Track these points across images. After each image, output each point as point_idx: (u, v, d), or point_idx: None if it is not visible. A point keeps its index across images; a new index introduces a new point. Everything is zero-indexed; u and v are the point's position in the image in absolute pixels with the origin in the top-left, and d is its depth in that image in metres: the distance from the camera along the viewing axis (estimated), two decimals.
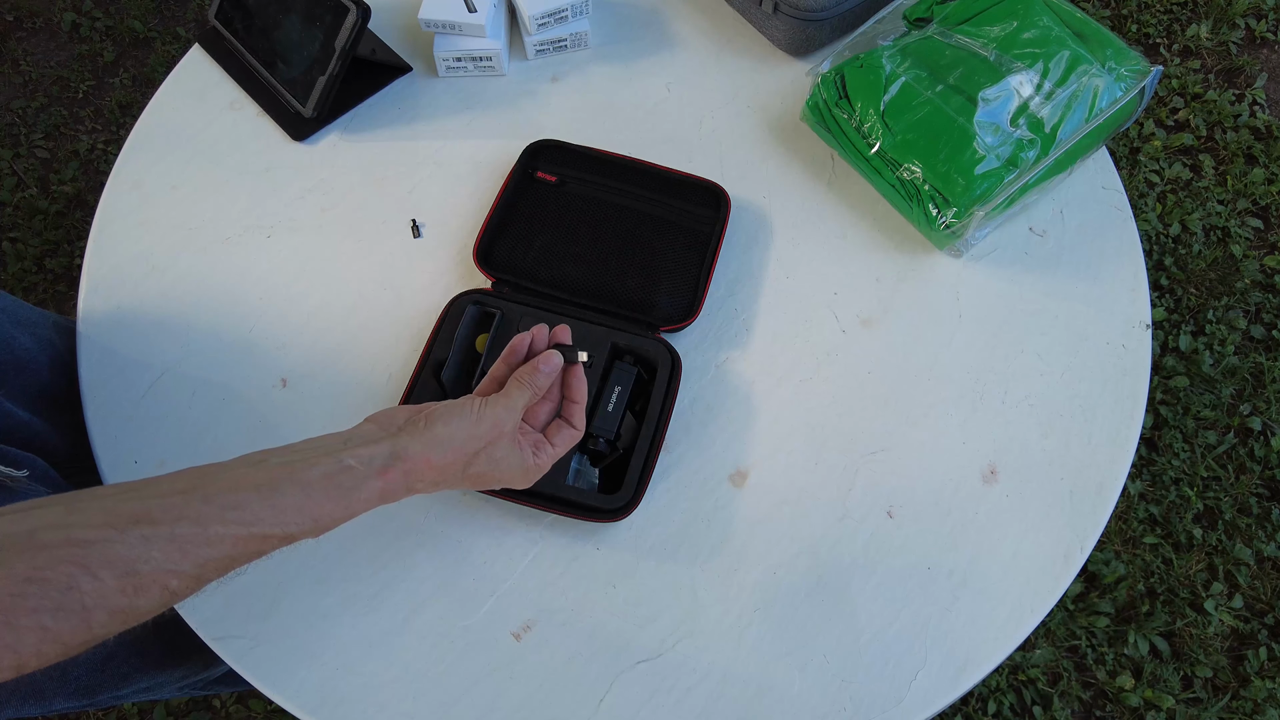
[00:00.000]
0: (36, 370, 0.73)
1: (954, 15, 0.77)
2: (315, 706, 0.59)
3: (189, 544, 0.41)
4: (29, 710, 0.66)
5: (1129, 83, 0.72)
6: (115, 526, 0.39)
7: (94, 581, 0.38)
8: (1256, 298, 1.56)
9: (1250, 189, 1.66)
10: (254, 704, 1.22)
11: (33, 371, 0.73)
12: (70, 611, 0.37)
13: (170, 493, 0.42)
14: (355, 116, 0.83)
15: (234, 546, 0.42)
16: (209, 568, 0.42)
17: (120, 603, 0.39)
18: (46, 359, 0.74)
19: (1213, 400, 1.46)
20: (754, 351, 0.72)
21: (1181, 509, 1.38)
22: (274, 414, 0.69)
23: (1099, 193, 0.80)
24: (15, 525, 0.39)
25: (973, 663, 0.61)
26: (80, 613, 0.38)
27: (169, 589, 0.40)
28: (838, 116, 0.76)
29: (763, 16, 0.85)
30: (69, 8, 1.86)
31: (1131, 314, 0.74)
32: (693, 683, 0.60)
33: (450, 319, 0.69)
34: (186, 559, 0.41)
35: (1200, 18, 1.86)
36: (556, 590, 0.63)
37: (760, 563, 0.64)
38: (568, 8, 0.83)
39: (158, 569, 0.40)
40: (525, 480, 0.55)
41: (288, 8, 0.81)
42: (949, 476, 0.67)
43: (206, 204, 0.79)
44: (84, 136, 1.72)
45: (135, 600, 0.39)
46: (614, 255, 0.74)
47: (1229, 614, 1.31)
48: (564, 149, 0.79)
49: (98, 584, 0.38)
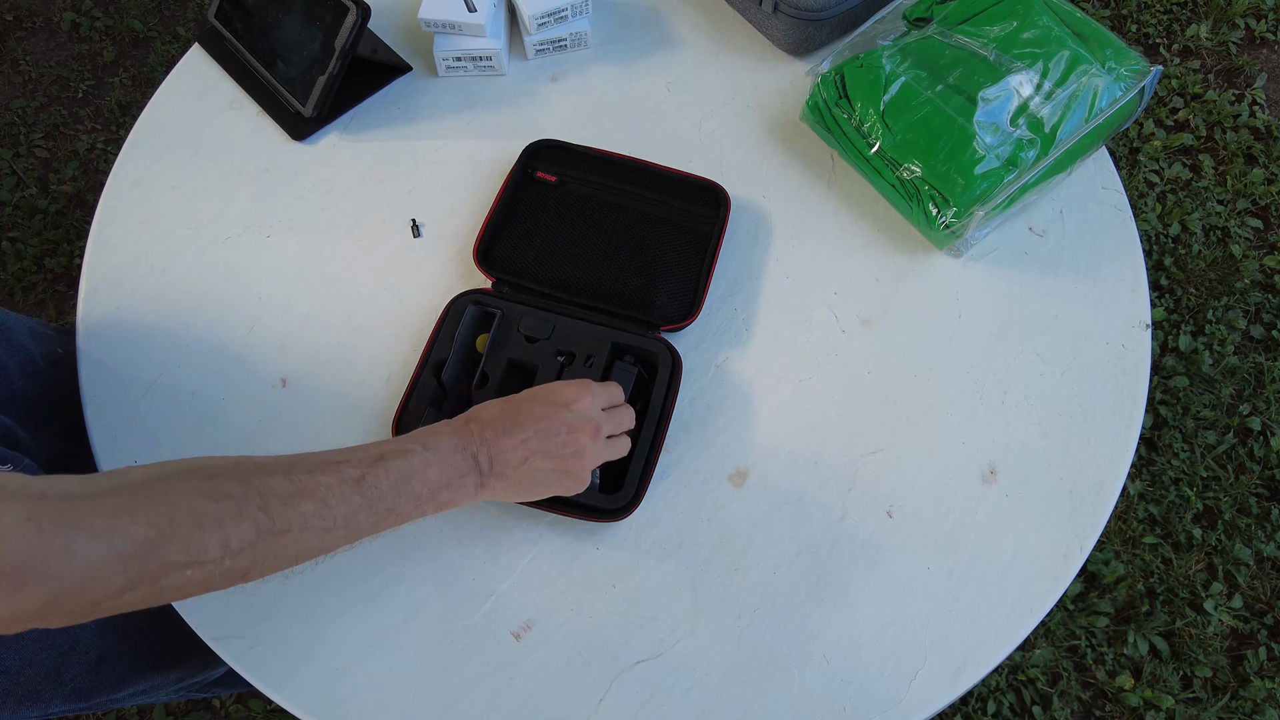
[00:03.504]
0: (6, 376, 0.72)
1: (954, 15, 0.77)
2: (315, 706, 0.59)
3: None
4: (25, 714, 0.66)
5: (1129, 83, 0.72)
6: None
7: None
8: (1256, 298, 1.56)
9: (1250, 189, 1.66)
10: (254, 704, 1.22)
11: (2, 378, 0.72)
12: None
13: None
14: (355, 116, 0.83)
15: None
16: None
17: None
18: (16, 365, 0.73)
19: (1212, 400, 1.46)
20: (754, 351, 0.72)
21: (1181, 509, 1.38)
22: (274, 414, 0.69)
23: (1099, 193, 0.80)
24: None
25: (972, 663, 0.61)
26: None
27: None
28: (837, 116, 0.76)
29: (763, 16, 0.85)
30: (69, 7, 1.86)
31: (1131, 314, 0.74)
32: (693, 683, 0.60)
33: (450, 319, 0.69)
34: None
35: (1200, 18, 1.86)
36: (556, 590, 0.63)
37: (760, 563, 0.64)
38: (567, 8, 0.83)
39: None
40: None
41: (288, 7, 0.81)
42: (948, 476, 0.67)
43: (206, 204, 0.79)
44: (84, 136, 1.72)
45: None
46: (614, 255, 0.74)
47: (1228, 614, 1.31)
48: (564, 149, 0.79)
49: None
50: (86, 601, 0.41)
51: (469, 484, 0.54)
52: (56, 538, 0.39)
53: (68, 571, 0.39)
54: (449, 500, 0.54)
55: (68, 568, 0.39)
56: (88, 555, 0.40)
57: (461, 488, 0.54)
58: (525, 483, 0.57)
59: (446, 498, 0.54)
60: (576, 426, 0.57)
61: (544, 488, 0.58)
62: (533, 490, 0.58)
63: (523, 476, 0.56)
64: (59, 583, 0.39)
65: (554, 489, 0.58)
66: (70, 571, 0.39)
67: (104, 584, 0.41)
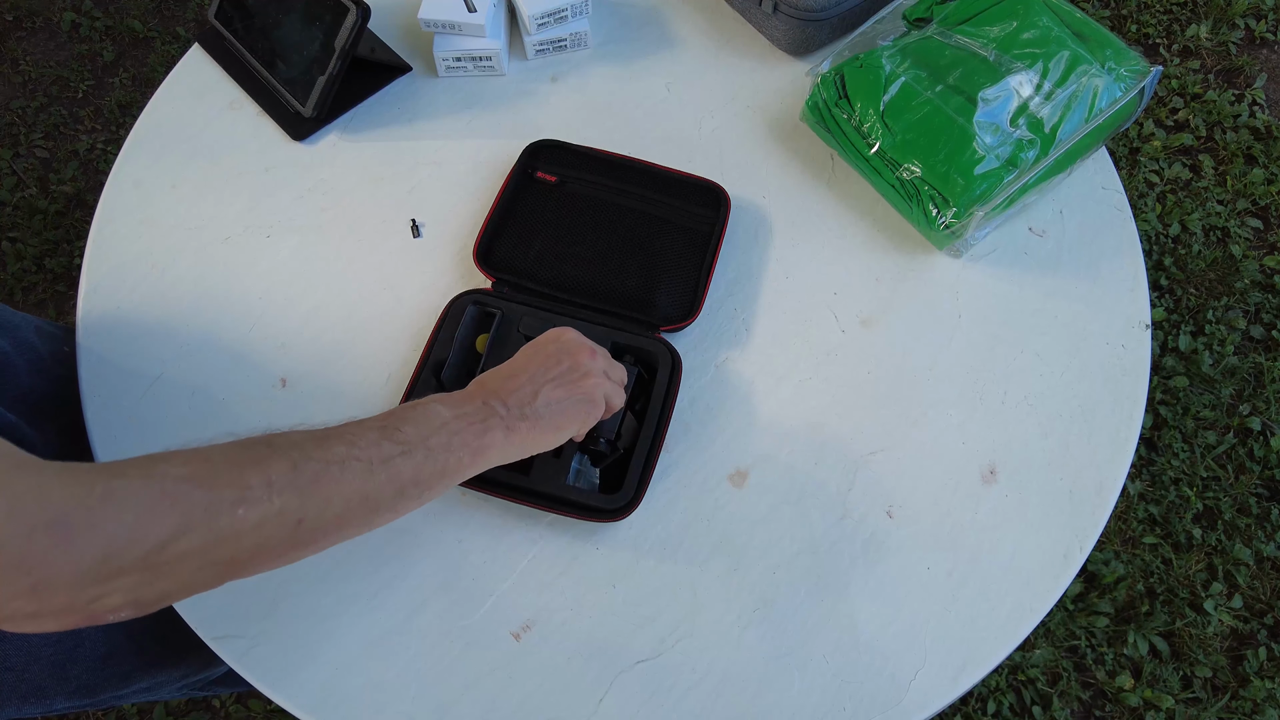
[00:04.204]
0: (14, 374, 0.72)
1: (954, 15, 0.77)
2: (315, 706, 0.59)
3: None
4: (30, 710, 0.66)
5: (1129, 83, 0.72)
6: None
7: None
8: (1256, 298, 1.56)
9: (1250, 189, 1.66)
10: (254, 704, 1.22)
11: (10, 375, 0.72)
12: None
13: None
14: (355, 116, 0.83)
15: None
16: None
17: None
18: (24, 362, 0.73)
19: (1212, 400, 1.46)
20: (754, 351, 0.72)
21: (1181, 509, 1.38)
22: (274, 414, 0.69)
23: (1099, 193, 0.80)
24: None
25: (972, 663, 0.61)
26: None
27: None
28: (837, 116, 0.76)
29: (762, 16, 0.85)
30: (69, 7, 1.86)
31: (1131, 314, 0.74)
32: (692, 683, 0.60)
33: (450, 319, 0.69)
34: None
35: (1200, 18, 1.86)
36: (556, 590, 0.63)
37: (760, 563, 0.64)
38: (567, 8, 0.83)
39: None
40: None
41: (287, 7, 0.81)
42: (948, 476, 0.67)
43: (206, 203, 0.79)
44: (83, 136, 1.72)
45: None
46: (614, 255, 0.74)
47: (1228, 614, 1.31)
48: (564, 149, 0.79)
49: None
50: (144, 549, 0.39)
51: (496, 429, 0.53)
52: (96, 485, 0.38)
53: (114, 515, 0.38)
54: (484, 445, 0.52)
55: (114, 511, 0.38)
56: (131, 496, 0.39)
57: (489, 431, 0.52)
58: (548, 416, 0.55)
59: (481, 443, 0.52)
60: (570, 350, 0.58)
61: (568, 419, 0.56)
62: (558, 423, 0.56)
63: (543, 411, 0.55)
64: (109, 528, 0.38)
65: (578, 417, 0.57)
66: (118, 515, 0.38)
67: (157, 525, 0.39)
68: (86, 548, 0.37)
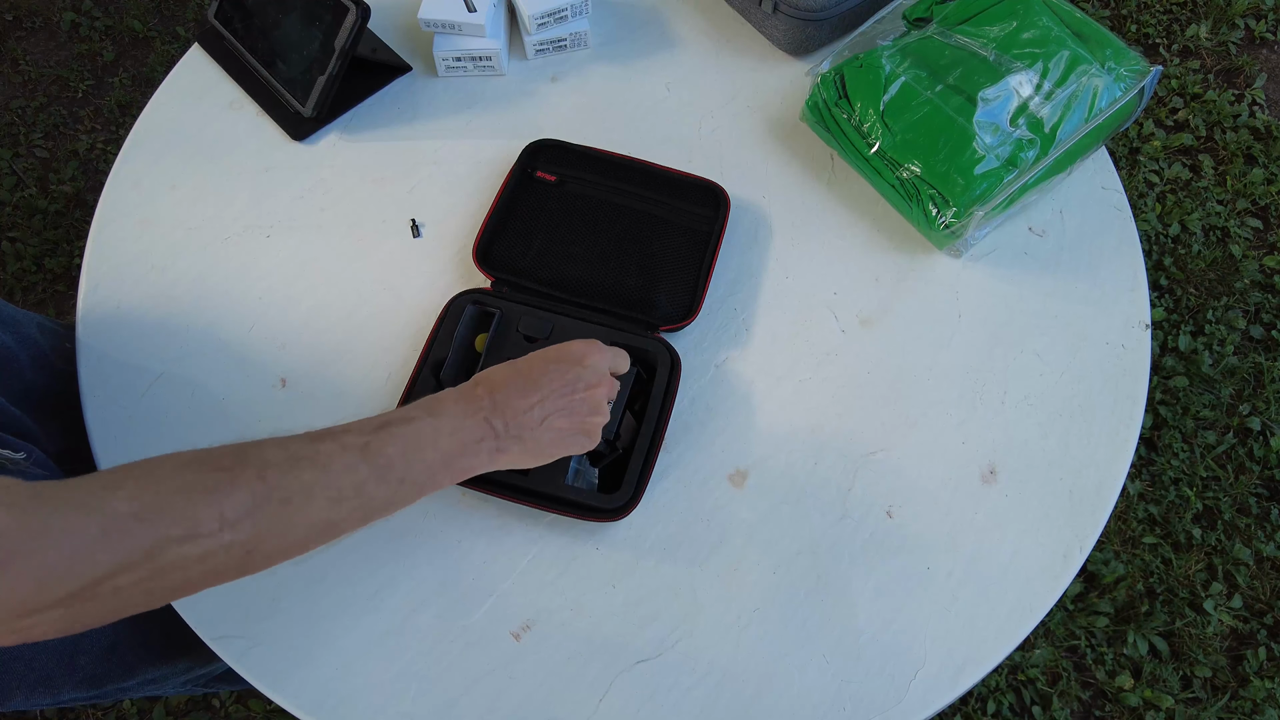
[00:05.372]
0: (18, 368, 0.73)
1: (954, 15, 0.77)
2: (315, 706, 0.59)
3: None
4: (37, 701, 0.66)
5: (1128, 83, 0.72)
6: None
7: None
8: (1256, 298, 1.56)
9: (1250, 189, 1.66)
10: (254, 704, 1.22)
11: (14, 369, 0.73)
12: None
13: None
14: (355, 116, 0.83)
15: None
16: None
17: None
18: (27, 357, 0.74)
19: (1212, 400, 1.46)
20: (753, 351, 0.72)
21: (1181, 509, 1.38)
22: (274, 414, 0.69)
23: (1098, 193, 0.80)
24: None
25: (972, 662, 0.61)
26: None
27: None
28: (837, 116, 0.76)
29: (762, 16, 0.85)
30: (69, 7, 1.86)
31: (1131, 314, 0.74)
32: (692, 683, 0.60)
33: (449, 319, 0.69)
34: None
35: (1200, 18, 1.86)
36: (556, 590, 0.63)
37: (760, 563, 0.64)
38: (567, 8, 0.83)
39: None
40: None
41: (287, 7, 0.81)
42: (948, 476, 0.67)
43: (206, 204, 0.79)
44: (83, 136, 1.72)
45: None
46: (614, 255, 0.74)
47: (1228, 614, 1.31)
48: (563, 149, 0.79)
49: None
50: (80, 583, 0.38)
51: (485, 449, 0.52)
52: (34, 514, 0.38)
53: (49, 546, 0.37)
54: (466, 467, 0.52)
55: (48, 543, 0.37)
56: (67, 528, 0.38)
57: (477, 453, 0.52)
58: (542, 444, 0.55)
59: (463, 465, 0.51)
60: (593, 383, 0.55)
61: (560, 448, 0.56)
62: (548, 452, 0.55)
63: (540, 437, 0.54)
64: (42, 558, 0.37)
65: (569, 448, 0.56)
66: (51, 546, 0.37)
67: (90, 561, 0.38)
68: (20, 577, 0.37)
